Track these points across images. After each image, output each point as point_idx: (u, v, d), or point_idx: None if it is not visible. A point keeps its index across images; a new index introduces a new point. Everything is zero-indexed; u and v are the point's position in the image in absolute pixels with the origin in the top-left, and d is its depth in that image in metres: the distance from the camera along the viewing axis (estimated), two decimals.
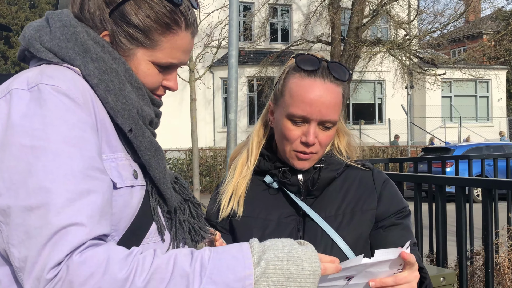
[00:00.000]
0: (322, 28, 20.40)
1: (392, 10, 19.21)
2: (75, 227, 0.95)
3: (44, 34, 1.13)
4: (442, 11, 21.32)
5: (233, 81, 4.00)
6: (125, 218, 1.10)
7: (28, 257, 0.94)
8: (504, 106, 27.81)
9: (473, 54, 21.25)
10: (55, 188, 0.96)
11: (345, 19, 22.00)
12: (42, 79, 1.04)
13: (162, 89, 1.27)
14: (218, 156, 17.83)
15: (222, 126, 22.46)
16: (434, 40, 21.09)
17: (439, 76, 20.52)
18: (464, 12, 20.48)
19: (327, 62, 1.52)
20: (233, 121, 4.00)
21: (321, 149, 1.56)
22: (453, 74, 22.94)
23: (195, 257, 1.01)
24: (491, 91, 27.20)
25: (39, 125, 1.00)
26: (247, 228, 1.59)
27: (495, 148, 15.62)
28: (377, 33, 21.52)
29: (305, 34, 20.70)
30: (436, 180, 2.82)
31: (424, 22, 21.65)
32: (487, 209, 2.38)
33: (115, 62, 1.14)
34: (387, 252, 1.16)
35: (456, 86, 26.31)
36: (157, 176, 1.16)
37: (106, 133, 1.10)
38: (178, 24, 1.18)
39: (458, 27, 23.61)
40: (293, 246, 1.07)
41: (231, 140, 3.97)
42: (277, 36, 23.86)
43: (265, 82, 20.76)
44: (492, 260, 2.27)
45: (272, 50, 22.02)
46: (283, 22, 24.34)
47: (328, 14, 19.36)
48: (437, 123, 25.83)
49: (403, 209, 1.61)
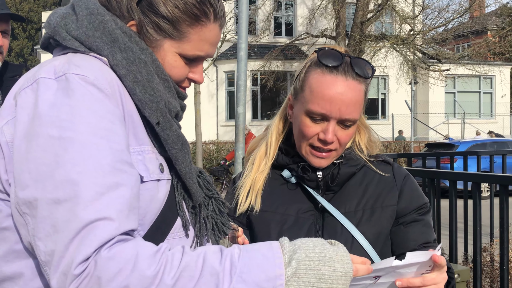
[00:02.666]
0: (326, 22, 20.34)
1: (397, 5, 19.14)
2: (104, 222, 0.92)
3: (70, 22, 1.10)
4: (446, 6, 21.23)
5: (242, 75, 3.98)
6: (151, 213, 1.08)
7: (55, 251, 0.92)
8: (508, 102, 27.72)
9: (477, 50, 21.20)
10: (83, 180, 0.94)
11: (350, 13, 21.91)
12: (70, 68, 1.02)
13: (187, 82, 1.24)
14: (222, 149, 17.82)
15: (226, 119, 22.45)
16: (438, 36, 21.02)
17: (443, 71, 20.46)
18: (469, 8, 20.40)
19: (350, 58, 1.49)
20: (241, 114, 3.97)
21: (340, 147, 1.52)
22: (457, 70, 22.86)
23: (224, 255, 0.99)
24: (495, 87, 27.11)
25: (67, 116, 0.97)
26: (265, 223, 1.57)
27: (499, 144, 15.56)
28: (382, 28, 21.45)
29: (310, 29, 20.64)
30: (451, 176, 2.79)
31: (428, 17, 21.58)
32: (503, 205, 2.36)
33: (142, 52, 1.12)
34: (419, 254, 1.15)
35: (460, 82, 26.22)
36: (184, 171, 1.14)
37: (133, 125, 1.08)
38: (207, 16, 1.15)
39: (462, 23, 23.52)
40: (325, 246, 1.04)
41: (239, 133, 3.95)
42: (281, 30, 23.80)
43: (269, 76, 20.72)
44: (507, 256, 2.26)
45: (276, 44, 21.97)
46: (288, 16, 24.26)
47: (333, 9, 19.29)
48: (441, 119, 25.78)
49: (424, 205, 1.59)
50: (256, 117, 22.40)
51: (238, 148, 3.93)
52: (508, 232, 2.40)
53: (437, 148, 15.50)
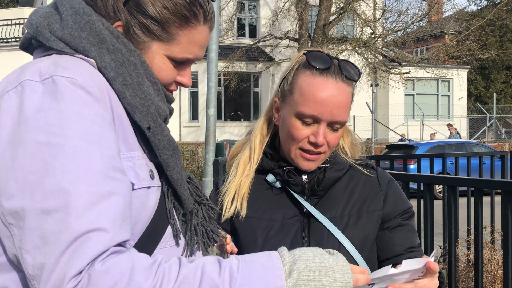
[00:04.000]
0: (290, 24, 20.46)
1: (358, 8, 19.41)
2: (97, 233, 0.88)
3: (54, 21, 1.04)
4: (406, 10, 21.67)
5: (213, 76, 3.94)
6: (141, 222, 1.04)
7: (44, 264, 0.87)
8: (465, 105, 28.48)
9: (436, 53, 21.68)
10: (74, 189, 0.89)
11: (313, 16, 22.10)
12: (57, 71, 0.97)
13: (175, 85, 1.20)
14: (185, 151, 17.66)
15: (189, 120, 22.33)
16: (399, 39, 21.42)
17: (403, 74, 20.85)
18: (428, 12, 20.87)
19: (338, 60, 1.48)
20: (212, 116, 3.93)
21: (328, 150, 1.51)
22: (417, 73, 23.35)
23: (223, 266, 0.95)
24: (452, 90, 27.82)
25: (56, 121, 0.92)
26: (251, 229, 1.53)
27: (457, 146, 15.95)
28: (344, 31, 21.71)
29: (273, 30, 20.73)
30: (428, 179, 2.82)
31: (388, 20, 21.97)
32: (478, 208, 2.40)
33: (131, 54, 1.07)
34: (414, 262, 1.15)
35: (419, 84, 26.80)
36: (175, 177, 1.10)
37: (122, 130, 1.03)
38: (196, 17, 1.11)
39: (421, 27, 24.04)
40: (324, 256, 1.03)
41: (210, 136, 3.90)
42: (244, 31, 23.81)
43: (232, 77, 20.70)
44: (482, 258, 2.30)
45: (240, 45, 21.98)
46: (251, 18, 24.29)
47: (296, 11, 19.41)
48: (400, 121, 26.27)
49: (408, 209, 1.59)
50: (220, 118, 22.34)
51: (208, 150, 3.87)
52: (483, 234, 2.45)
53: (397, 149, 15.76)
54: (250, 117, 23.91)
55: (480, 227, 2.31)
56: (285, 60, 21.13)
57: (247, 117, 24.01)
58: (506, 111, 31.11)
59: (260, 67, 22.71)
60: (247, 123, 23.57)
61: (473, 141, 19.55)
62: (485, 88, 33.21)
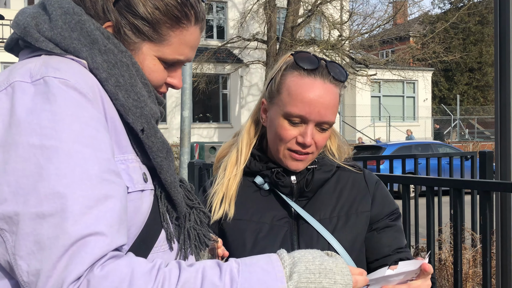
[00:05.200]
0: (258, 26, 20.50)
1: (326, 11, 19.58)
2: (95, 237, 0.85)
3: (43, 22, 1.01)
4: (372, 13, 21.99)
5: (187, 78, 3.91)
6: (135, 226, 1.01)
7: (41, 270, 0.84)
8: (430, 106, 29.05)
9: (402, 55, 22.05)
10: (70, 193, 0.86)
11: (281, 18, 22.19)
12: (48, 72, 0.94)
13: (165, 87, 1.18)
14: None
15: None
16: (366, 41, 21.70)
17: (370, 76, 21.13)
18: (394, 15, 21.21)
19: (326, 62, 1.48)
20: (187, 118, 3.90)
21: (316, 151, 1.51)
22: (383, 75, 23.69)
23: (224, 270, 0.94)
24: (417, 92, 28.34)
25: (49, 123, 0.89)
26: (240, 232, 1.52)
27: (423, 146, 16.24)
28: (312, 33, 21.88)
29: (241, 32, 20.73)
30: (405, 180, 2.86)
31: (355, 23, 22.26)
32: (457, 208, 2.43)
33: (122, 55, 1.05)
34: (410, 263, 1.17)
35: (385, 86, 27.21)
36: (168, 180, 1.07)
37: (115, 132, 1.01)
38: (188, 18, 1.09)
39: (387, 29, 24.43)
40: (324, 258, 1.02)
41: (185, 138, 3.86)
42: (212, 33, 23.76)
43: (200, 78, 20.62)
44: (461, 258, 2.33)
45: (208, 46, 21.91)
46: (219, 19, 24.25)
47: (264, 13, 19.46)
48: (367, 122, 26.63)
49: (395, 210, 1.60)
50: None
51: (183, 152, 3.83)
52: (461, 234, 2.48)
53: (365, 150, 15.94)
54: (219, 119, 23.87)
55: (459, 227, 2.35)
56: (254, 62, 21.18)
57: (216, 119, 23.96)
58: (469, 112, 31.87)
59: (229, 68, 22.69)
60: (216, 125, 23.52)
61: (439, 141, 19.93)
62: (448, 90, 33.94)
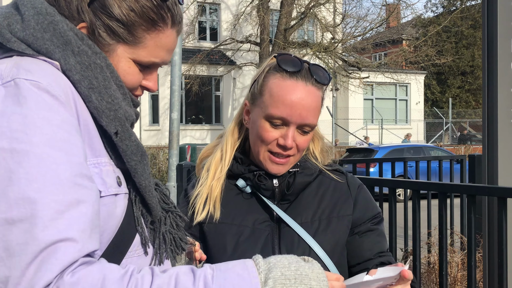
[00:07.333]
0: (251, 28, 20.50)
1: (319, 13, 19.60)
2: (66, 243, 0.84)
3: (15, 22, 0.99)
4: (365, 15, 22.03)
5: (176, 79, 3.89)
6: (108, 230, 1.00)
7: (9, 277, 0.82)
8: (422, 109, 29.14)
9: (395, 58, 22.10)
10: (41, 198, 0.84)
11: (274, 20, 22.21)
12: (19, 73, 0.92)
13: (140, 89, 1.16)
14: None
15: (149, 124, 22.10)
16: (358, 44, 21.74)
17: (362, 79, 21.16)
18: (387, 18, 21.25)
19: (309, 64, 1.48)
20: (176, 120, 3.87)
21: (298, 153, 1.51)
22: (376, 78, 23.75)
23: (197, 276, 0.93)
24: (410, 95, 28.42)
25: (19, 126, 0.87)
26: (221, 235, 1.51)
27: (415, 149, 16.26)
28: (305, 35, 21.89)
29: (234, 34, 20.72)
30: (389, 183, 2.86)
31: (348, 26, 22.29)
32: (442, 212, 2.44)
33: (96, 57, 1.03)
34: (389, 269, 1.16)
35: (377, 89, 27.27)
36: (143, 184, 1.06)
37: (88, 135, 0.99)
38: (164, 21, 1.08)
39: (380, 32, 24.48)
40: (300, 263, 1.01)
41: (173, 140, 3.84)
42: (206, 35, 23.73)
43: (193, 80, 20.59)
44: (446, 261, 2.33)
45: (201, 48, 21.90)
46: (212, 21, 24.24)
47: (257, 15, 19.46)
48: (360, 125, 26.68)
49: (377, 214, 1.59)
50: (181, 122, 22.16)
51: (172, 154, 3.82)
52: (447, 237, 2.48)
53: (357, 153, 15.97)
54: (211, 121, 23.83)
55: (444, 230, 2.34)
56: (247, 64, 21.17)
57: (209, 120, 23.92)
58: (461, 116, 31.99)
59: (222, 70, 22.68)
60: (208, 127, 23.48)
61: (431, 145, 19.99)
62: (441, 93, 34.05)
